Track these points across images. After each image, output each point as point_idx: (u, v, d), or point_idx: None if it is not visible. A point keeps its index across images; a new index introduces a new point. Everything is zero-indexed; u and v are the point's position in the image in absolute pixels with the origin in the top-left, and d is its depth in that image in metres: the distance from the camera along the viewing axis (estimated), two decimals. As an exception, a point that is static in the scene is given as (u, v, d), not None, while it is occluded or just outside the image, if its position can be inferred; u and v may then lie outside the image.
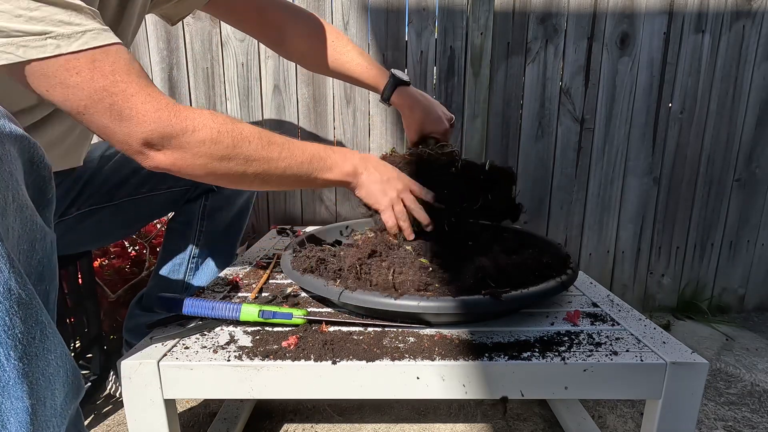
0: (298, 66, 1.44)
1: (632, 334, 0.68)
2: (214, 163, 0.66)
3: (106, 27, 0.60)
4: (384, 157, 0.97)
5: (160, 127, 0.61)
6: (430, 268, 0.73)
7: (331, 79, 1.45)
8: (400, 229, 0.82)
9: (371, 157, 0.84)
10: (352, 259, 0.73)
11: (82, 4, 0.57)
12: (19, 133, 0.49)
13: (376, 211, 0.83)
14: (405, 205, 0.82)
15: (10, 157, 0.47)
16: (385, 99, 1.03)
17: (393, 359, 0.60)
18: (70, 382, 0.53)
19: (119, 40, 0.61)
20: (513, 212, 0.93)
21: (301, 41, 1.03)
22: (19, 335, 0.46)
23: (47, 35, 0.55)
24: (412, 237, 0.82)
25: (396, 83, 1.01)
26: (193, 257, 1.09)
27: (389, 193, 0.80)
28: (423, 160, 0.92)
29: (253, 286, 0.86)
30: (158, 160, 0.63)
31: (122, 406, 0.99)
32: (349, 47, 1.03)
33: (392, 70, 1.02)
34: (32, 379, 0.47)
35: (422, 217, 0.82)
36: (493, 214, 0.90)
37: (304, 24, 1.03)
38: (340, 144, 1.50)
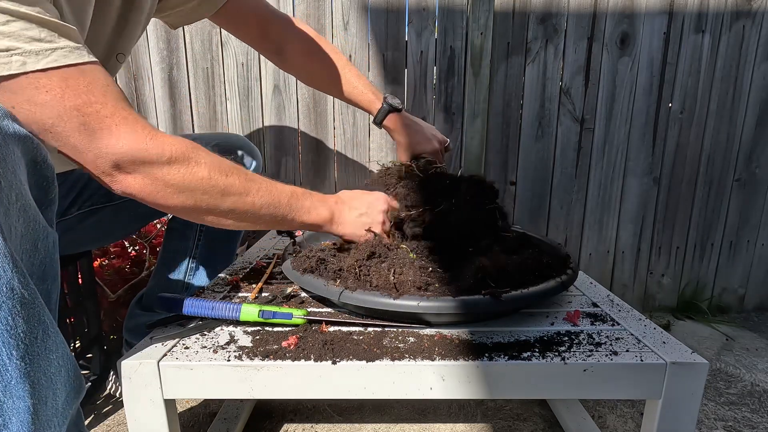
0: (298, 66, 1.44)
1: (632, 334, 0.68)
2: (185, 193, 0.63)
3: (80, 45, 0.58)
4: (381, 172, 0.98)
5: (133, 150, 0.58)
6: (430, 269, 0.73)
7: (331, 79, 1.45)
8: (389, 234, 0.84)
9: (344, 195, 0.83)
10: (351, 260, 0.73)
11: (57, 21, 0.55)
12: (23, 133, 0.49)
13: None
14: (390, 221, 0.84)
15: (13, 156, 0.47)
16: (377, 123, 1.06)
17: (393, 359, 0.60)
18: (72, 382, 0.53)
19: (94, 59, 0.59)
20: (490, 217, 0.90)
21: (299, 58, 1.07)
22: (22, 335, 0.46)
23: (13, 51, 0.52)
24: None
25: (389, 110, 1.04)
26: (194, 257, 1.09)
27: (375, 219, 0.81)
28: (406, 173, 0.94)
29: (253, 286, 0.86)
30: (126, 183, 0.60)
31: (122, 406, 0.99)
32: (346, 69, 1.06)
33: (386, 96, 1.04)
34: (34, 379, 0.47)
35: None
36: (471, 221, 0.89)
37: (304, 42, 1.06)
38: (339, 153, 1.50)
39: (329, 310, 0.76)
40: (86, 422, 1.02)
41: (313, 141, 1.49)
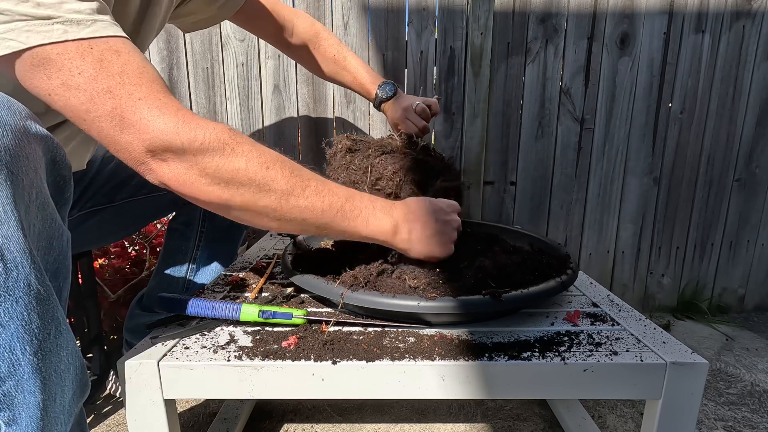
0: (298, 66, 1.44)
1: (632, 334, 0.68)
2: (221, 186, 0.59)
3: (117, 24, 0.57)
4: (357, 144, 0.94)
5: (165, 135, 0.55)
6: (438, 269, 0.73)
7: (331, 79, 1.46)
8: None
9: (414, 206, 0.72)
10: (361, 276, 0.71)
11: None
12: (43, 133, 0.49)
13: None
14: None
15: (35, 156, 0.48)
16: (377, 108, 1.13)
17: (393, 359, 0.60)
18: (78, 380, 0.54)
19: (128, 38, 0.58)
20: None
21: (307, 51, 1.12)
22: (36, 330, 0.46)
23: (54, 20, 0.51)
24: None
25: (379, 102, 1.10)
26: (194, 258, 1.09)
27: (451, 237, 0.74)
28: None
29: (253, 286, 0.86)
30: (162, 172, 0.57)
31: (122, 406, 0.99)
32: (347, 61, 1.11)
33: (379, 85, 1.08)
34: (45, 375, 0.48)
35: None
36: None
37: (311, 35, 1.11)
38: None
39: (329, 310, 0.76)
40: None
41: (313, 141, 1.49)
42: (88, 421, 1.02)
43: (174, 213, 1.11)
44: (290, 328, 0.69)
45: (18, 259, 0.44)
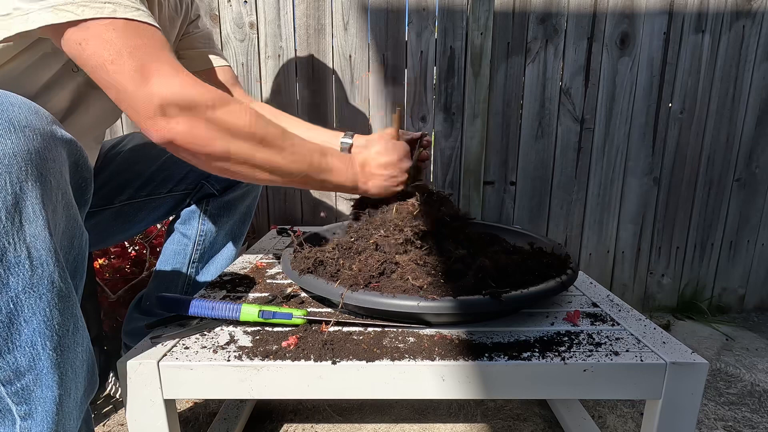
0: (298, 66, 1.44)
1: (632, 334, 0.68)
2: (224, 139, 0.65)
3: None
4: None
5: (181, 90, 0.61)
6: (432, 269, 0.73)
7: (331, 79, 1.45)
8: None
9: (370, 158, 0.83)
10: (360, 277, 0.71)
11: None
12: (68, 137, 0.52)
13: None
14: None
15: (61, 158, 0.50)
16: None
17: (393, 359, 0.60)
18: (90, 377, 0.55)
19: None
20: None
21: None
22: (56, 326, 0.48)
23: (107, 0, 0.57)
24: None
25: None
26: (194, 261, 1.09)
27: (400, 179, 0.84)
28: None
29: (251, 296, 0.86)
30: (168, 128, 0.62)
31: (122, 406, 0.99)
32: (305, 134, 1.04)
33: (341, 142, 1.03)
34: (62, 371, 0.49)
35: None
36: None
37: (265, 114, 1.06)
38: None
39: (329, 310, 0.76)
40: (86, 422, 1.03)
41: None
42: (88, 421, 1.02)
43: (174, 216, 1.11)
44: (290, 328, 0.69)
45: (43, 257, 0.47)
